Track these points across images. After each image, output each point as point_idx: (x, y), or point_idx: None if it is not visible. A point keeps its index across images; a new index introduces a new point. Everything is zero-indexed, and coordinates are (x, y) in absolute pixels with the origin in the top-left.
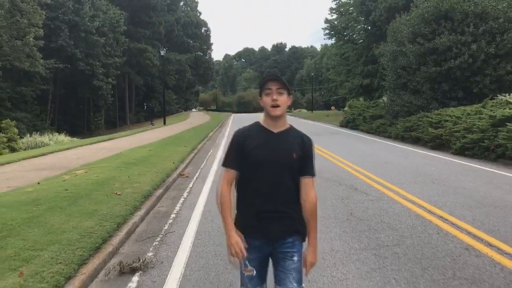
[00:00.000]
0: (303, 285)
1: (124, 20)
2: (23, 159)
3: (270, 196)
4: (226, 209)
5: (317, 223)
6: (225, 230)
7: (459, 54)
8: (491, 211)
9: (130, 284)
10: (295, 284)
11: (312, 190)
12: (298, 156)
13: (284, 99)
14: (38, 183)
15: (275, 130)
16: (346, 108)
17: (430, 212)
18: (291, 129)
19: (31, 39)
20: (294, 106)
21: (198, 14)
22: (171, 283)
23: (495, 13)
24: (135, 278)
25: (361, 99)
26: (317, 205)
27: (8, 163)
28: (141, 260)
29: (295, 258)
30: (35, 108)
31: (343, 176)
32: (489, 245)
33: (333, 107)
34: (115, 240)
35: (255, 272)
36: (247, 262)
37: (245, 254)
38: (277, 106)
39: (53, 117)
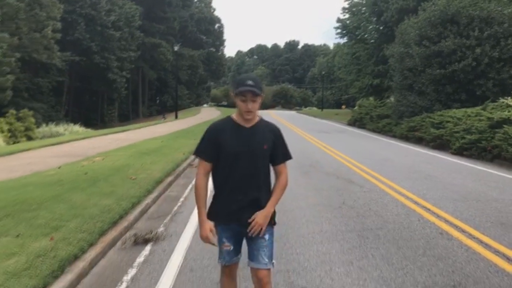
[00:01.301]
0: (274, 261)
1: (140, 15)
2: (42, 146)
3: (243, 185)
4: (201, 201)
5: (280, 196)
6: (199, 220)
7: (463, 58)
8: (472, 204)
9: (143, 252)
10: (266, 260)
11: (284, 175)
12: (269, 147)
13: (257, 106)
14: (59, 167)
15: (247, 125)
16: (356, 108)
17: (416, 203)
18: (261, 121)
19: (49, 31)
20: (304, 104)
21: (212, 11)
22: (179, 252)
23: (501, 18)
24: (148, 247)
25: (371, 98)
26: (286, 186)
27: (29, 149)
28: (153, 233)
29: (266, 237)
30: (51, 99)
31: (342, 171)
32: (462, 231)
33: (344, 106)
34: (130, 217)
35: (232, 247)
36: (224, 240)
37: (215, 243)
38: (251, 112)
39: (68, 109)
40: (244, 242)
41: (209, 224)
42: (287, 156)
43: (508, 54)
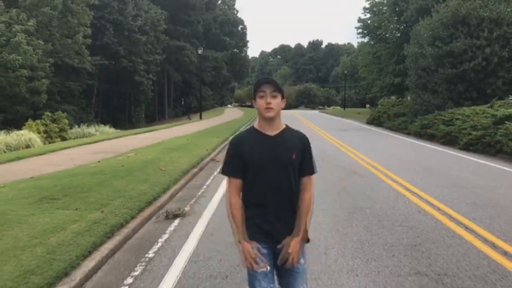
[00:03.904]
0: (307, 284)
1: (165, 19)
2: (79, 145)
3: (273, 199)
4: (238, 220)
5: (309, 219)
6: (239, 241)
7: (474, 57)
8: (457, 190)
9: (173, 223)
10: (304, 286)
11: (308, 192)
12: (297, 156)
13: (277, 102)
14: (99, 161)
15: (271, 133)
16: (379, 107)
17: (407, 189)
18: (287, 129)
19: (80, 37)
20: (328, 103)
21: (235, 12)
22: (201, 223)
23: (510, 19)
24: (177, 221)
25: (392, 97)
26: (312, 205)
27: (68, 147)
28: (181, 210)
29: (302, 261)
30: (81, 102)
31: (349, 163)
32: (438, 209)
33: (368, 105)
34: (162, 199)
35: (268, 267)
36: (258, 259)
37: (258, 264)
38: (271, 109)
39: (97, 110)
40: None
41: (251, 243)
42: (312, 169)
43: None
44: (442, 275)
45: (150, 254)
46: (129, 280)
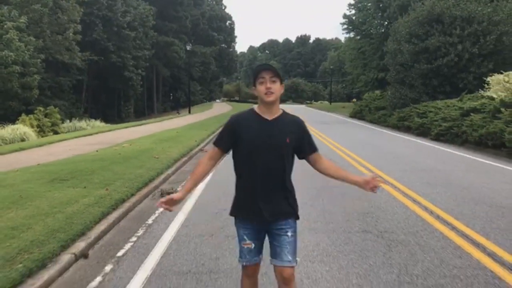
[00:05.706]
0: (298, 258)
1: (153, 14)
2: (75, 137)
3: (265, 180)
4: (193, 176)
5: (345, 171)
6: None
7: (447, 54)
8: (416, 173)
9: None
10: (290, 257)
11: (324, 160)
12: (292, 140)
13: (277, 87)
14: (97, 151)
15: (269, 117)
16: (363, 101)
17: (372, 172)
18: (284, 114)
19: (70, 34)
20: (316, 98)
21: (223, 8)
22: (191, 199)
23: (480, 18)
24: None
25: (377, 92)
26: (334, 164)
27: (64, 140)
28: (173, 190)
29: (289, 233)
30: (71, 97)
31: (325, 152)
32: (395, 187)
33: (354, 100)
34: (157, 181)
35: (253, 245)
36: (245, 237)
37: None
38: (271, 93)
39: (87, 106)
40: (266, 239)
41: (174, 195)
42: (315, 148)
43: (486, 50)
44: (383, 232)
45: (149, 221)
46: (134, 239)
